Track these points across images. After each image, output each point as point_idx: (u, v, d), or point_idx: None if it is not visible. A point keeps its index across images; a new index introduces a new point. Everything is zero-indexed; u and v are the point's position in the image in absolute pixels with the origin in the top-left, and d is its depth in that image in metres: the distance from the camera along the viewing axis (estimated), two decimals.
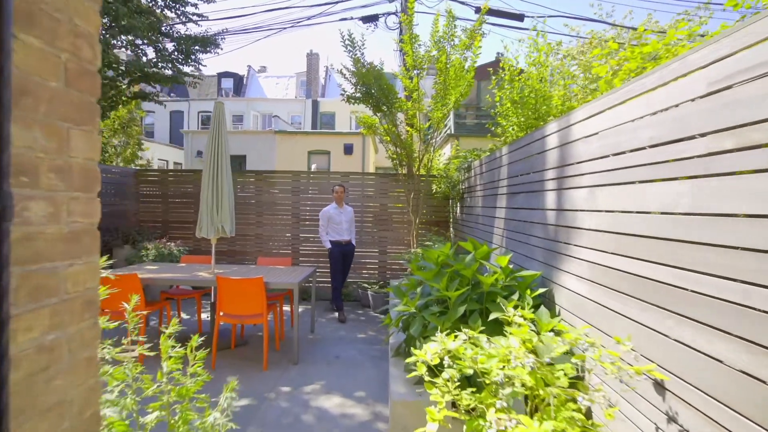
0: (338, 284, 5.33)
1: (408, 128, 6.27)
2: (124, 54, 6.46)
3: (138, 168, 8.06)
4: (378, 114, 5.71)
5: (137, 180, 7.03)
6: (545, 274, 2.47)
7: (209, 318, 4.60)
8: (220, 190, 4.21)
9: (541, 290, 2.39)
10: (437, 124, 5.53)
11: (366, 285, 6.24)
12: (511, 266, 2.63)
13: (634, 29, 4.26)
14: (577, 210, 2.13)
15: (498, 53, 13.02)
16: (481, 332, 1.95)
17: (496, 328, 2.17)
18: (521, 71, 4.27)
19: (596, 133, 1.97)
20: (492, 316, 2.17)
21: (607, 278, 1.83)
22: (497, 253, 3.39)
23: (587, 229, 2.02)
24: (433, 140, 5.86)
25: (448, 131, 12.16)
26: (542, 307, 2.22)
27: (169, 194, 6.97)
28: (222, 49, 6.94)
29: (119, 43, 5.97)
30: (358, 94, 5.40)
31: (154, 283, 4.04)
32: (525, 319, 1.95)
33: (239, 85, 26.91)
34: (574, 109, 2.25)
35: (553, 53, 4.52)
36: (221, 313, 3.77)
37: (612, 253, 1.79)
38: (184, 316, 5.49)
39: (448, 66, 5.20)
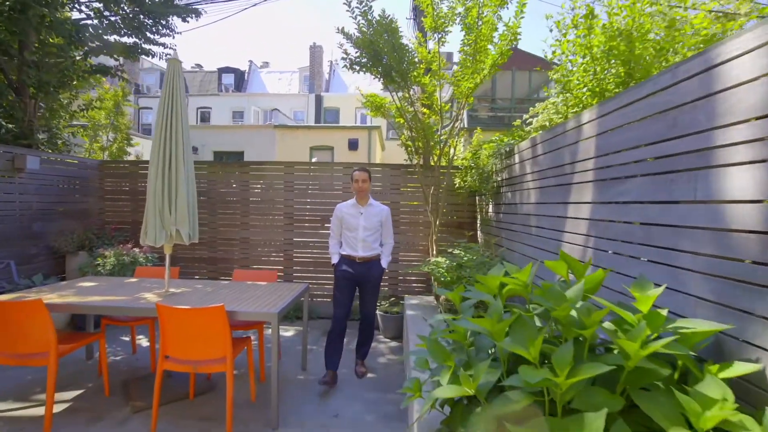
0: (340, 319, 3.40)
1: (425, 110, 5.07)
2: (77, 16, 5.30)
3: (102, 160, 6.91)
4: (389, 88, 4.52)
5: (102, 173, 5.91)
6: (735, 330, 1.26)
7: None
8: (173, 181, 3.04)
9: (740, 366, 1.17)
10: (465, 98, 4.32)
11: None
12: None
13: None
14: None
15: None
16: None
17: None
18: (592, 14, 3.05)
19: None
20: None
21: None
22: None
23: None
24: (459, 121, 4.66)
25: (461, 125, 10.90)
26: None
27: (140, 190, 5.82)
28: (203, 13, 5.80)
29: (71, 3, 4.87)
30: (363, 59, 4.19)
31: (69, 310, 2.88)
32: None
33: (240, 80, 25.90)
34: None
35: None
36: (166, 357, 2.60)
37: None
38: (143, 342, 4.34)
39: (480, 23, 3.99)
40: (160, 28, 5.39)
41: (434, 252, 4.87)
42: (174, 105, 3.04)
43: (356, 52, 4.18)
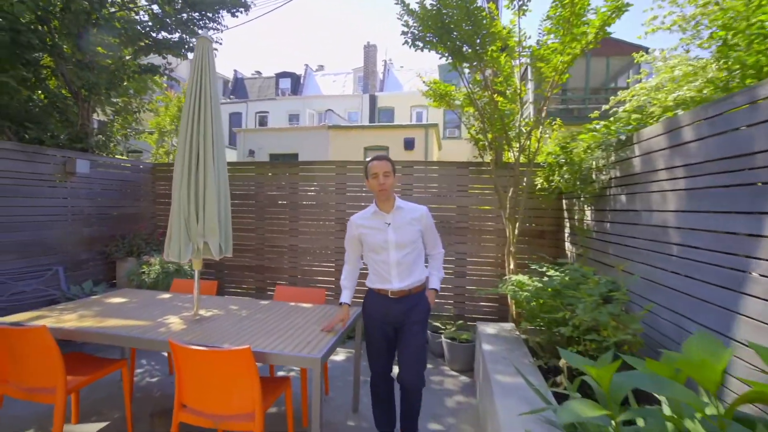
0: (381, 375, 2.45)
1: (498, 98, 4.20)
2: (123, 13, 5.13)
3: (155, 163, 6.82)
4: (458, 68, 3.74)
5: (154, 176, 5.76)
6: None
7: None
8: (201, 184, 2.53)
9: None
10: (558, 76, 3.42)
11: (437, 324, 4.29)
12: None
13: None
14: None
15: None
16: None
17: None
18: None
19: None
20: None
21: None
22: None
23: None
24: (546, 107, 3.75)
25: (548, 111, 9.76)
26: None
27: None
28: (253, 6, 5.42)
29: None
30: (429, 36, 3.45)
31: (72, 337, 2.45)
32: None
33: (297, 84, 26.33)
34: None
35: None
36: (183, 406, 2.06)
37: None
38: None
39: None
40: (207, 21, 5.08)
41: (511, 267, 4.00)
42: (203, 92, 2.53)
43: (418, 26, 3.44)
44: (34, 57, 4.52)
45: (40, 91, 5.04)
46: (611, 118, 3.33)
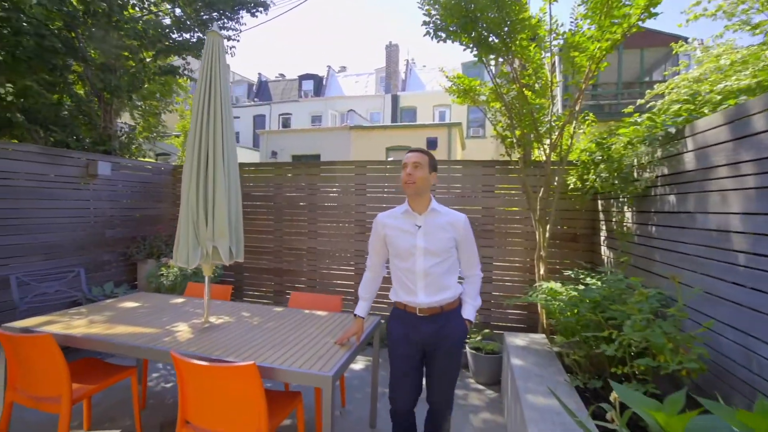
0: (403, 413, 2.10)
1: (527, 92, 3.91)
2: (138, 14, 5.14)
3: (176, 164, 6.86)
4: (484, 60, 3.50)
5: (175, 178, 5.76)
6: None
7: None
8: (210, 185, 2.40)
9: None
10: (595, 65, 3.12)
11: None
12: None
13: None
14: None
15: None
16: None
17: None
18: None
19: None
20: None
21: None
22: None
23: None
24: (581, 98, 3.45)
25: (582, 105, 9.33)
26: None
27: None
28: (272, 5, 5.34)
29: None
30: (452, 27, 3.22)
31: (75, 344, 2.36)
32: None
33: (319, 86, 26.47)
34: None
35: None
36: (186, 422, 1.93)
37: None
38: None
39: None
40: (226, 21, 5.03)
41: (542, 272, 3.72)
42: (212, 89, 2.40)
43: (441, 15, 3.21)
44: (65, 62, 4.57)
45: (66, 95, 5.12)
46: (655, 110, 3.00)
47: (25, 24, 3.89)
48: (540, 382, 2.48)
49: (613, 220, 3.57)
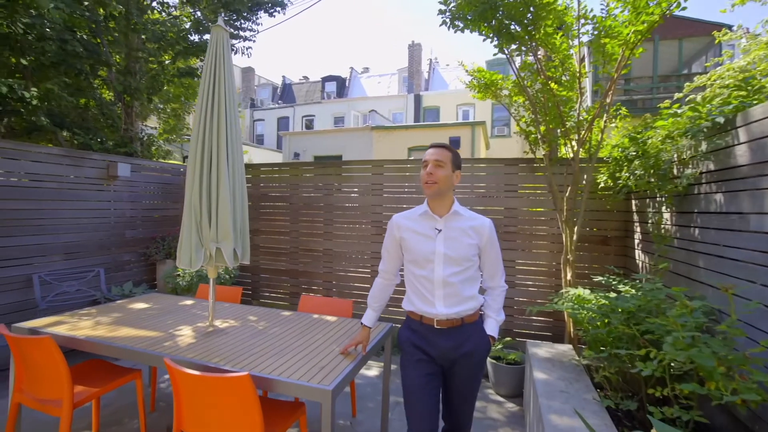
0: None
1: (552, 84, 3.64)
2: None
3: None
4: (505, 51, 3.28)
5: None
6: None
7: None
8: (213, 184, 2.32)
9: None
10: (629, 50, 2.85)
11: None
12: None
13: None
14: None
15: None
16: None
17: None
18: None
19: None
20: None
21: None
22: None
23: None
24: (613, 89, 3.17)
25: (613, 99, 8.88)
26: None
27: None
28: (289, 4, 5.29)
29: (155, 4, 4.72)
30: (469, 15, 3.02)
31: (76, 347, 2.32)
32: None
33: (342, 87, 26.58)
34: None
35: None
36: None
37: None
38: None
39: None
40: (243, 22, 5.01)
41: (568, 278, 3.45)
42: (216, 86, 2.32)
43: (457, 2, 3.02)
44: (92, 67, 4.67)
45: (91, 99, 5.25)
46: (699, 98, 2.71)
47: (48, 30, 3.97)
48: (566, 400, 2.25)
49: (649, 221, 3.27)
